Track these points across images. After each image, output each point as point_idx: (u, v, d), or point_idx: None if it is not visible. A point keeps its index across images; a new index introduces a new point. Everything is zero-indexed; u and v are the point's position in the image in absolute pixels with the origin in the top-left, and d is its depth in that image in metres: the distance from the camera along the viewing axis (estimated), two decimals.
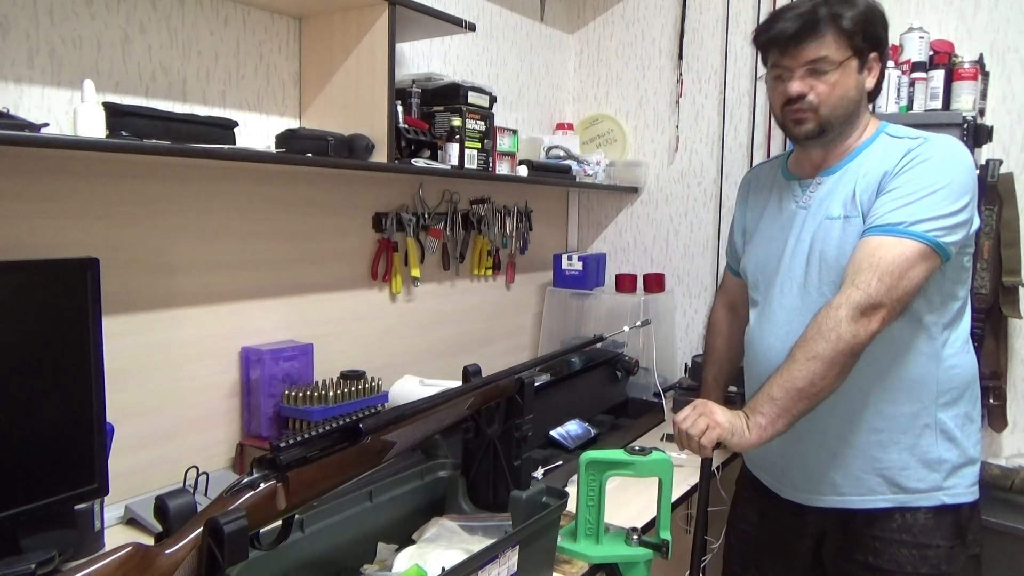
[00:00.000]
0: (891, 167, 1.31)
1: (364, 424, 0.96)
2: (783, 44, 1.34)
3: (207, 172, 1.61)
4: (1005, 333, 2.08)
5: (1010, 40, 2.12)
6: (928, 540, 1.36)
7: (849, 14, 1.31)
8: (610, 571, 1.33)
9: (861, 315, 1.22)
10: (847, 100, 1.35)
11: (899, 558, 1.36)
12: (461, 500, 1.34)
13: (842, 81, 1.33)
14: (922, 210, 1.25)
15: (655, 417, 2.22)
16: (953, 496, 1.37)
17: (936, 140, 1.33)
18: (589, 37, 2.87)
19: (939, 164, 1.29)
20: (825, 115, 1.35)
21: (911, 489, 1.36)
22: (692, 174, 2.67)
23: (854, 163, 1.39)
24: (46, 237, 1.36)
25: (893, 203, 1.28)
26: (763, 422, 1.25)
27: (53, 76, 1.36)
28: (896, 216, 1.26)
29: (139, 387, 1.52)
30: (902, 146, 1.34)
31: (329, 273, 1.92)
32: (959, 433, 1.37)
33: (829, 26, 1.31)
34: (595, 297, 2.67)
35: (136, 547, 0.76)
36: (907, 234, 1.25)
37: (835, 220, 1.36)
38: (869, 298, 1.22)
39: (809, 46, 1.32)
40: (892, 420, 1.36)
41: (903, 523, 1.37)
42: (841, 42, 1.32)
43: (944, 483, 1.36)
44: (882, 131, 1.41)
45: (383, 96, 1.68)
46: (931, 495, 1.36)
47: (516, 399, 1.28)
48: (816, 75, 1.33)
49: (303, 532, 1.09)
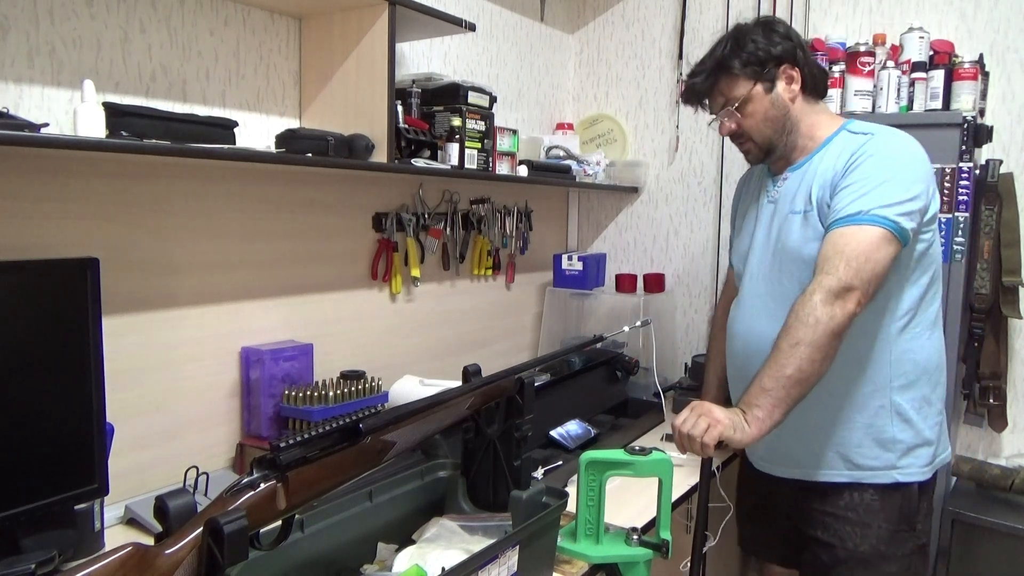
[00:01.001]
0: (841, 165, 1.40)
1: (364, 424, 0.96)
2: (695, 102, 1.53)
3: (207, 172, 1.61)
4: (1005, 333, 2.08)
5: (1010, 40, 2.13)
6: (871, 520, 1.45)
7: (734, 59, 1.44)
8: (610, 571, 1.33)
9: (835, 298, 1.27)
10: (771, 120, 1.47)
11: (842, 533, 1.46)
12: (461, 500, 1.34)
13: (756, 109, 1.46)
14: (878, 199, 1.32)
15: (655, 417, 2.22)
16: (906, 475, 1.45)
17: (884, 134, 1.41)
18: (589, 37, 2.87)
19: (888, 156, 1.38)
20: (759, 140, 1.49)
21: (865, 466, 1.45)
22: (692, 174, 2.67)
23: (815, 159, 1.48)
24: (46, 237, 1.36)
25: (850, 196, 1.35)
26: (760, 415, 1.28)
27: (53, 76, 1.36)
28: (854, 207, 1.33)
29: (139, 387, 1.52)
30: (853, 143, 1.43)
31: (329, 273, 1.92)
32: (915, 415, 1.44)
33: (722, 75, 1.46)
34: (595, 297, 2.67)
35: (136, 547, 0.76)
36: (867, 220, 1.31)
37: (797, 215, 1.46)
38: (840, 281, 1.28)
39: (714, 96, 1.50)
40: (848, 399, 1.45)
41: (850, 501, 1.46)
42: (734, 83, 1.46)
43: (898, 462, 1.44)
44: (844, 128, 1.48)
45: (383, 96, 1.68)
46: (884, 472, 1.44)
47: (516, 399, 1.28)
48: (731, 115, 1.48)
49: (303, 532, 1.09)
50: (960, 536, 1.98)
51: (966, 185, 1.91)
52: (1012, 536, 1.92)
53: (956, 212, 1.92)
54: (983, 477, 2.07)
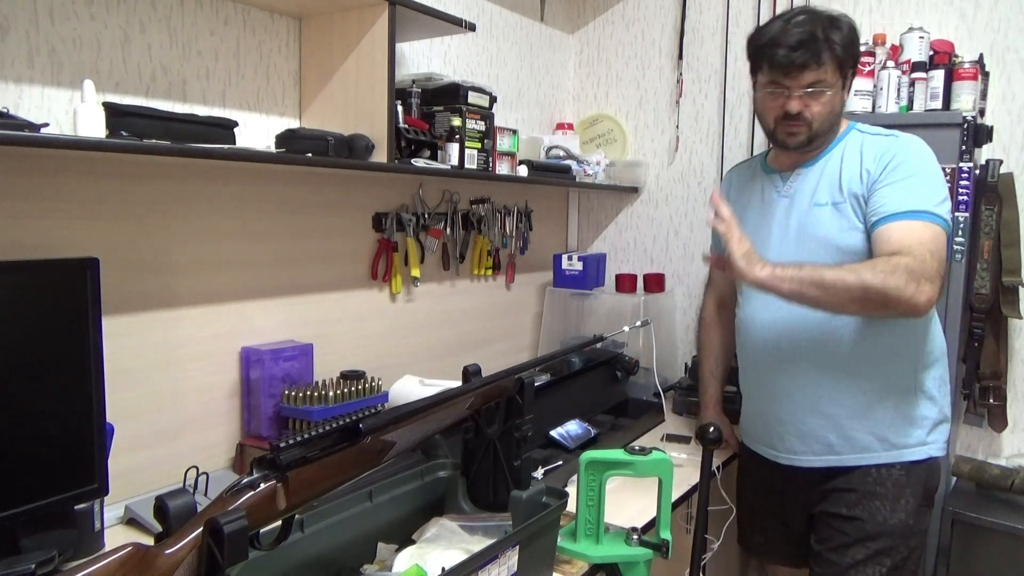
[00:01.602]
0: (875, 160, 1.45)
1: (364, 424, 0.96)
2: (785, 69, 1.44)
3: (207, 172, 1.61)
4: (1005, 333, 2.08)
5: (1010, 40, 2.12)
6: (900, 494, 1.49)
7: (840, 40, 1.43)
8: (610, 571, 1.33)
9: (916, 282, 1.30)
10: (835, 115, 1.49)
11: (871, 508, 1.50)
12: (461, 500, 1.34)
13: (833, 99, 1.47)
14: (930, 197, 1.39)
15: (655, 417, 2.22)
16: (936, 449, 1.52)
17: (907, 137, 1.48)
18: (589, 37, 2.87)
19: (921, 158, 1.45)
20: (816, 129, 1.48)
21: (901, 444, 1.50)
22: (692, 174, 2.67)
23: (832, 155, 1.53)
24: (46, 237, 1.36)
25: (904, 193, 1.40)
26: (777, 272, 1.35)
27: (53, 76, 1.36)
28: (913, 203, 1.38)
29: (139, 387, 1.52)
30: (880, 142, 1.48)
31: (329, 273, 1.92)
32: (937, 393, 1.53)
33: (827, 53, 1.42)
34: (595, 297, 2.67)
35: (136, 547, 0.76)
36: (930, 218, 1.37)
37: (823, 207, 1.49)
38: (926, 270, 1.31)
39: (810, 72, 1.43)
40: (879, 382, 1.49)
41: (878, 476, 1.50)
42: (835, 67, 1.44)
43: (927, 438, 1.51)
44: (852, 128, 1.55)
45: (383, 96, 1.68)
46: (918, 449, 1.50)
47: (516, 399, 1.28)
48: (812, 95, 1.45)
49: (303, 532, 1.09)
50: (960, 536, 1.98)
51: (966, 185, 1.91)
52: (1012, 536, 1.92)
53: (956, 212, 1.91)
54: (983, 477, 2.07)
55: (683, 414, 2.31)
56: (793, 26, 1.43)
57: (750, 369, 1.64)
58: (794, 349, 1.52)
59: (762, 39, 1.46)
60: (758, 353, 1.60)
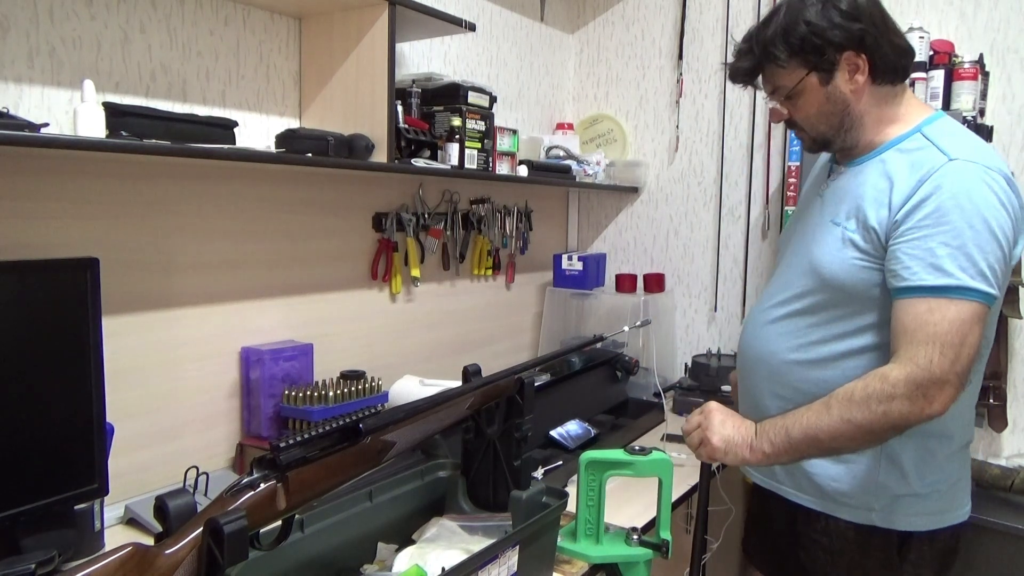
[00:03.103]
0: (907, 194, 1.16)
1: (364, 424, 0.96)
2: (741, 82, 1.34)
3: (207, 172, 1.61)
4: (1005, 333, 2.08)
5: (1010, 40, 2.12)
6: (843, 548, 1.31)
7: (782, 43, 1.23)
8: (610, 571, 1.33)
9: (922, 394, 1.10)
10: (825, 114, 1.27)
11: (819, 561, 1.35)
12: (461, 500, 1.34)
13: (809, 100, 1.27)
14: (971, 264, 1.10)
15: (655, 417, 2.22)
16: (886, 520, 1.27)
17: (960, 169, 1.14)
18: (589, 37, 2.87)
19: (971, 197, 1.12)
20: (812, 134, 1.32)
21: (839, 501, 1.30)
22: (692, 174, 2.67)
23: (875, 162, 1.26)
24: (46, 237, 1.36)
25: (932, 256, 1.12)
26: (768, 450, 1.19)
27: (53, 76, 1.36)
28: (940, 273, 1.11)
29: (139, 387, 1.52)
30: (924, 163, 1.17)
31: (329, 273, 1.92)
32: (910, 466, 1.26)
33: (767, 62, 1.27)
34: (595, 297, 2.67)
35: (136, 547, 0.76)
36: (958, 294, 1.10)
37: (836, 226, 1.27)
38: (932, 376, 1.09)
39: (763, 81, 1.32)
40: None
41: (826, 526, 1.33)
42: (786, 69, 1.26)
43: (874, 504, 1.28)
44: (919, 129, 1.24)
45: (383, 96, 1.68)
46: (859, 512, 1.29)
47: (516, 399, 1.28)
48: (785, 102, 1.31)
49: (303, 532, 1.09)
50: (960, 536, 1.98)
51: None
52: (1012, 536, 1.92)
53: None
54: (983, 477, 2.07)
55: (683, 414, 2.31)
56: (743, 39, 1.32)
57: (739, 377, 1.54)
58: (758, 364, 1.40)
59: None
60: (740, 361, 1.50)
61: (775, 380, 1.36)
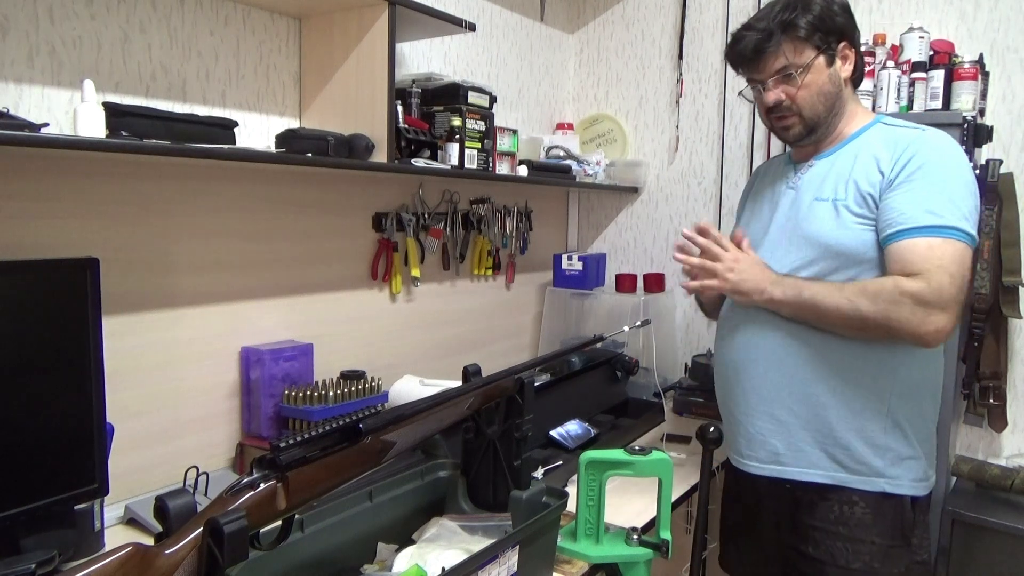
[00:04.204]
0: (894, 157, 1.32)
1: (364, 424, 0.96)
2: (747, 62, 1.41)
3: (207, 172, 1.61)
4: (1005, 333, 2.08)
5: (1010, 40, 2.12)
6: (863, 535, 1.36)
7: (802, 19, 1.34)
8: (610, 571, 1.33)
9: (924, 311, 1.22)
10: (824, 95, 1.39)
11: (833, 550, 1.38)
12: (461, 500, 1.34)
13: (813, 80, 1.37)
14: (955, 208, 1.26)
15: (655, 417, 2.22)
16: (895, 486, 1.36)
17: (935, 133, 1.34)
18: (589, 37, 2.87)
19: (950, 157, 1.31)
20: (807, 115, 1.40)
21: (851, 469, 1.37)
22: (692, 174, 2.67)
23: (849, 147, 1.41)
24: (46, 237, 1.36)
25: (922, 202, 1.27)
26: (777, 296, 1.34)
27: (53, 76, 1.36)
28: (935, 216, 1.25)
29: (139, 387, 1.52)
30: (902, 137, 1.34)
31: (329, 273, 1.92)
32: (909, 427, 1.37)
33: (784, 36, 1.35)
34: (595, 297, 2.67)
35: (136, 547, 0.76)
36: (953, 233, 1.25)
37: (824, 202, 1.38)
38: (940, 298, 1.22)
39: (770, 59, 1.38)
40: (844, 399, 1.37)
41: (840, 515, 1.37)
42: (800, 47, 1.36)
43: (886, 471, 1.36)
44: (878, 121, 1.43)
45: (383, 96, 1.68)
46: (871, 480, 1.36)
47: (516, 399, 1.28)
48: (787, 81, 1.38)
49: (303, 532, 1.09)
50: (960, 536, 1.98)
51: None
52: (1012, 536, 1.92)
53: None
54: (983, 477, 2.07)
55: (683, 414, 2.31)
56: (752, 20, 1.40)
57: (719, 366, 1.55)
58: (759, 348, 1.43)
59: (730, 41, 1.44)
60: (725, 350, 1.51)
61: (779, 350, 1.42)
